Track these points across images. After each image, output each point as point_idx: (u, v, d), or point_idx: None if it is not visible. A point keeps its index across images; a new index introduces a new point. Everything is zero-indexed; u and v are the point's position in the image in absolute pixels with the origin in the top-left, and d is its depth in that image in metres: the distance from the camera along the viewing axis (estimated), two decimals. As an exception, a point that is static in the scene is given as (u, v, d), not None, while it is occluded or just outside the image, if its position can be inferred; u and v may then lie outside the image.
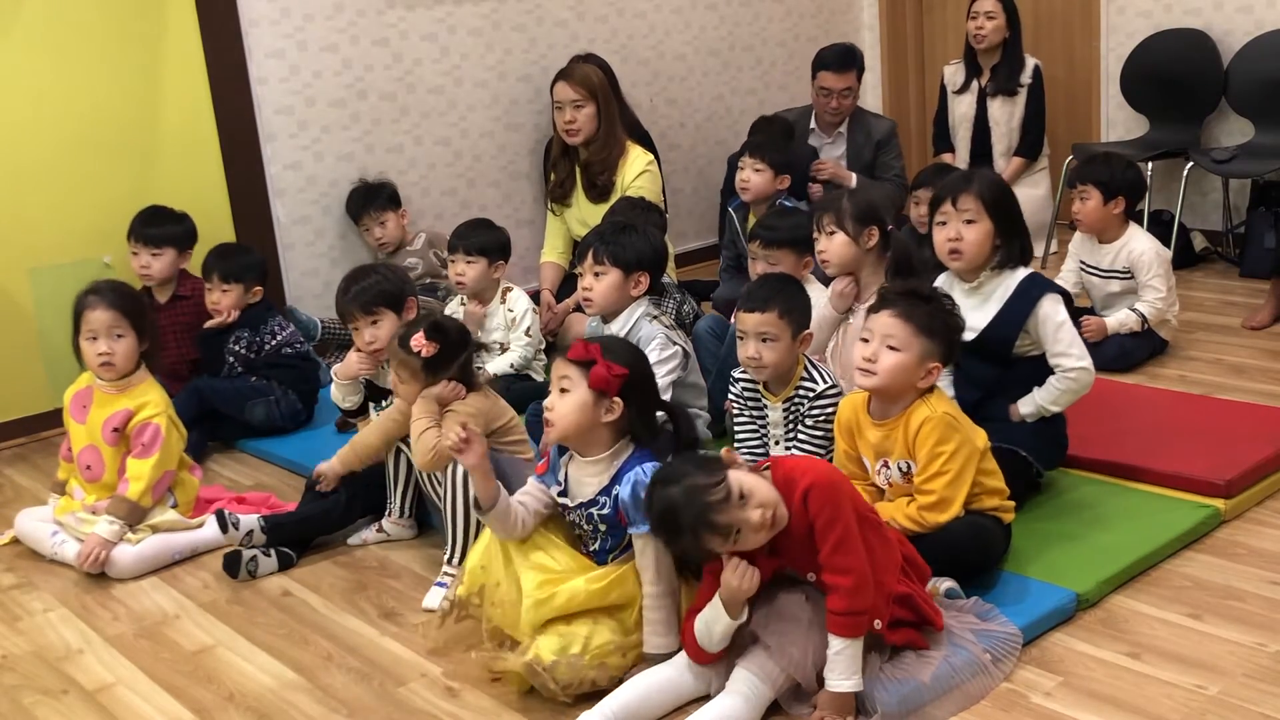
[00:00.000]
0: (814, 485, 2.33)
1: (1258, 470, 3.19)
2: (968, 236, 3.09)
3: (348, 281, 3.61)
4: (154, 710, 2.65)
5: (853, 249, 3.46)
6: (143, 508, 3.29)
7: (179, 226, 4.34)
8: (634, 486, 2.49)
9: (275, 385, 4.15)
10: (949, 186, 3.17)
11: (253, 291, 4.20)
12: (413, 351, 3.05)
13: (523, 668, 2.45)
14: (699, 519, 2.28)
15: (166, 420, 3.34)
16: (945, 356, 2.73)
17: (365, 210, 4.90)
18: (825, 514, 2.31)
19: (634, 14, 5.76)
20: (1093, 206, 4.23)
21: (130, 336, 3.31)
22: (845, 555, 2.31)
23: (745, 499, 2.30)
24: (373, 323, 3.52)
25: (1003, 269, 3.12)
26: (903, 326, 2.68)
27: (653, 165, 4.90)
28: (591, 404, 2.53)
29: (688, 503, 2.29)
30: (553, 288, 4.96)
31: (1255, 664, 2.46)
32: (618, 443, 2.59)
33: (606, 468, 2.57)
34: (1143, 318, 4.16)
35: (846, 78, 5.37)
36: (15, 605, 3.19)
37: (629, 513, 2.51)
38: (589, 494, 2.58)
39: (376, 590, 3.09)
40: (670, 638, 2.51)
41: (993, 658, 2.45)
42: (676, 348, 3.49)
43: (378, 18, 5.00)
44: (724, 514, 2.28)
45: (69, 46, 4.35)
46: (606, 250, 3.50)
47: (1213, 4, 5.42)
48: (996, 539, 2.78)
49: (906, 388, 2.71)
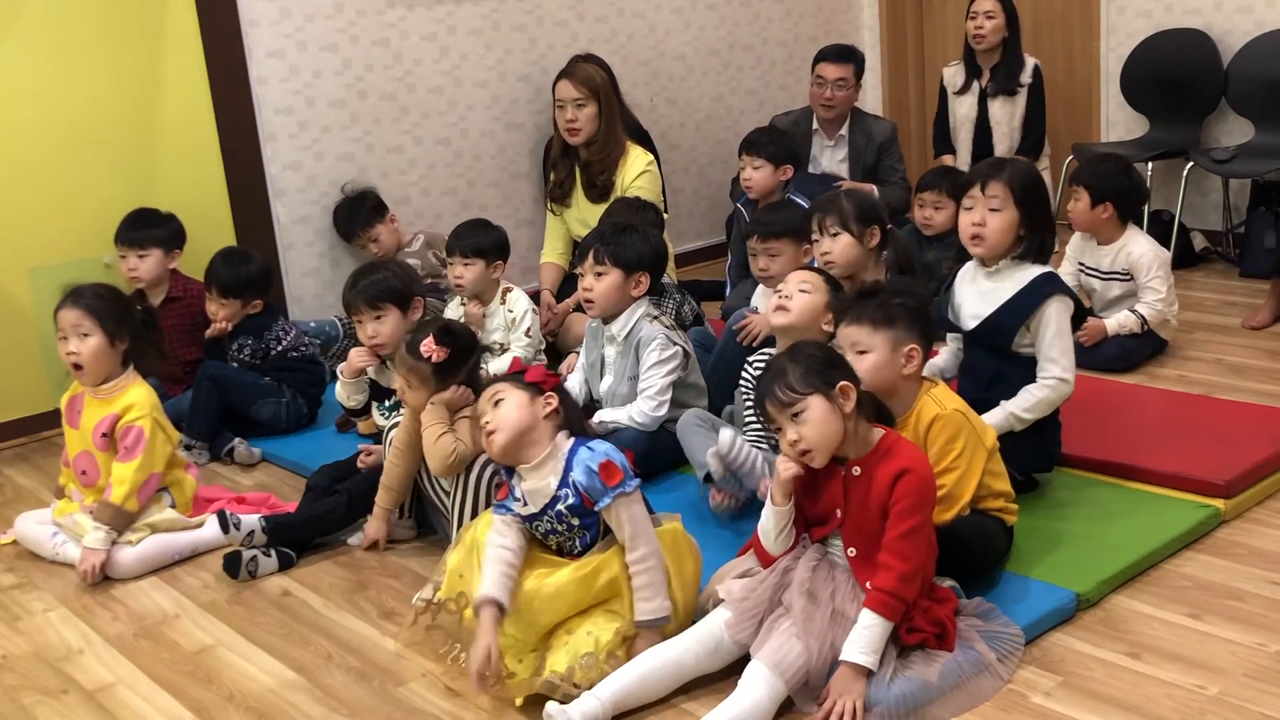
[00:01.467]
0: (910, 470, 2.40)
1: (1258, 470, 3.19)
2: (991, 223, 3.08)
3: (356, 276, 3.63)
4: (154, 710, 2.65)
5: (858, 249, 3.48)
6: (128, 512, 3.26)
7: (164, 228, 4.32)
8: (584, 465, 2.55)
9: (285, 388, 4.14)
10: (980, 172, 3.16)
11: (251, 305, 4.19)
12: (423, 357, 3.04)
13: (543, 686, 2.45)
14: (810, 364, 2.45)
15: (151, 423, 3.29)
16: (920, 335, 2.72)
17: (354, 230, 4.89)
18: (909, 501, 2.38)
19: (634, 14, 5.76)
20: (1081, 208, 4.23)
21: (98, 336, 3.26)
22: (911, 545, 2.38)
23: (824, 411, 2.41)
24: (376, 318, 3.54)
25: (1023, 260, 3.11)
26: (859, 329, 2.71)
27: (652, 165, 4.90)
28: (529, 400, 2.62)
29: (816, 351, 2.52)
30: (553, 288, 4.96)
31: (1255, 664, 2.46)
32: (556, 436, 2.63)
33: (555, 463, 2.60)
34: (1142, 319, 4.16)
35: (842, 69, 5.37)
36: (15, 605, 3.19)
37: (589, 492, 2.54)
38: (549, 494, 2.59)
39: (376, 590, 3.09)
40: (660, 600, 2.51)
41: (998, 657, 2.46)
42: (677, 348, 3.49)
43: (378, 18, 5.00)
44: (823, 379, 2.42)
45: (69, 46, 4.35)
46: (607, 251, 3.51)
47: (1213, 4, 5.42)
48: (999, 540, 2.78)
49: (894, 382, 2.71)
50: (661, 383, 3.46)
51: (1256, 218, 5.17)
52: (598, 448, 2.59)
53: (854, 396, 2.45)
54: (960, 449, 2.67)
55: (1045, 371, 3.05)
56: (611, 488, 2.51)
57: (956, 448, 2.66)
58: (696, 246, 6.08)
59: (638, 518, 2.53)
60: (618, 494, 2.52)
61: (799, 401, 2.43)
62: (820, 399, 2.43)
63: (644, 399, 3.48)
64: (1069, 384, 3.06)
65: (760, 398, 2.51)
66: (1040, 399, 3.05)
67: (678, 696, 2.47)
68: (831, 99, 5.39)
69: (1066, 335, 3.07)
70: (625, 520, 2.53)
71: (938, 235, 4.70)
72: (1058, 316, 3.05)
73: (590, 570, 2.55)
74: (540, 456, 2.61)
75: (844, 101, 5.42)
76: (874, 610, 2.36)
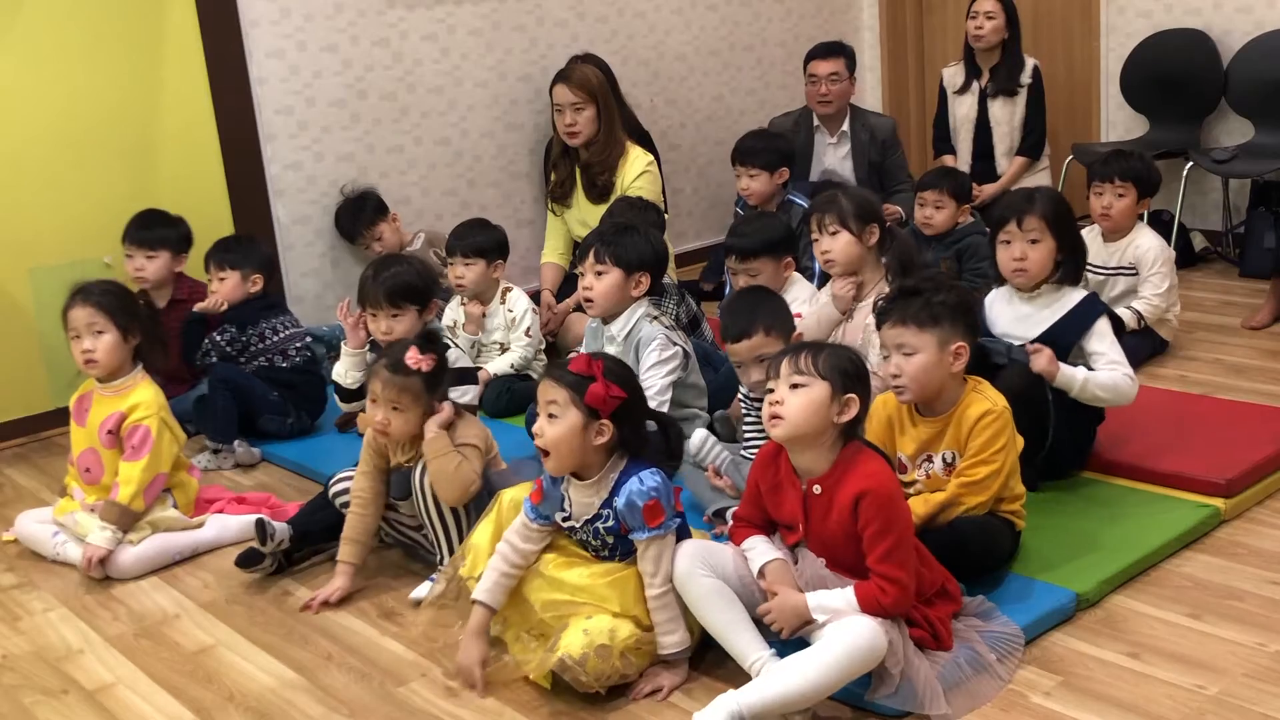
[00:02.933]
0: (869, 492, 2.35)
1: (1258, 470, 3.19)
2: (1032, 256, 3.15)
3: (377, 267, 3.58)
4: (154, 710, 2.65)
5: (857, 247, 3.48)
6: (134, 511, 3.26)
7: (173, 230, 4.32)
8: (628, 496, 2.49)
9: (291, 407, 4.11)
10: (1013, 207, 3.21)
11: (251, 280, 4.16)
12: (411, 371, 2.91)
13: (555, 664, 2.45)
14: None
15: (158, 422, 3.29)
16: (965, 331, 2.71)
17: (357, 232, 4.89)
18: (877, 524, 2.34)
19: (634, 14, 5.76)
20: (1128, 204, 4.22)
21: (112, 333, 3.27)
22: (893, 566, 2.34)
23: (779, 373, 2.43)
24: (393, 315, 3.52)
25: (1062, 284, 3.17)
26: (904, 330, 2.69)
27: (653, 166, 4.90)
28: (581, 428, 2.49)
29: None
30: (553, 288, 4.96)
31: (1255, 664, 2.46)
32: (609, 460, 2.57)
33: (603, 484, 2.56)
34: (1139, 315, 4.15)
35: (833, 63, 5.41)
36: (15, 605, 3.19)
37: (628, 521, 2.51)
38: (592, 511, 2.58)
39: (376, 590, 3.09)
40: (681, 634, 2.51)
41: (998, 657, 2.46)
42: (677, 348, 3.49)
43: (378, 18, 5.00)
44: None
45: (69, 46, 4.35)
46: (608, 250, 3.51)
47: (1213, 4, 5.42)
48: (1004, 541, 2.78)
49: (941, 382, 2.71)
50: (661, 383, 3.46)
51: (1256, 218, 5.17)
52: (647, 482, 2.49)
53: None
54: (1002, 445, 2.69)
55: (1116, 370, 3.10)
56: (651, 528, 2.48)
57: (1000, 443, 2.68)
58: (696, 246, 6.08)
59: (664, 557, 2.50)
60: (654, 535, 2.49)
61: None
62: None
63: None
64: (1135, 385, 3.12)
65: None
66: (1116, 383, 3.09)
67: (677, 696, 2.49)
68: (827, 93, 5.42)
69: (1117, 344, 3.14)
70: (651, 558, 2.50)
71: (937, 235, 4.70)
72: (1108, 330, 3.13)
73: (613, 578, 2.55)
74: (593, 478, 2.56)
75: (840, 95, 5.45)
76: (859, 598, 2.34)
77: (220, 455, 3.99)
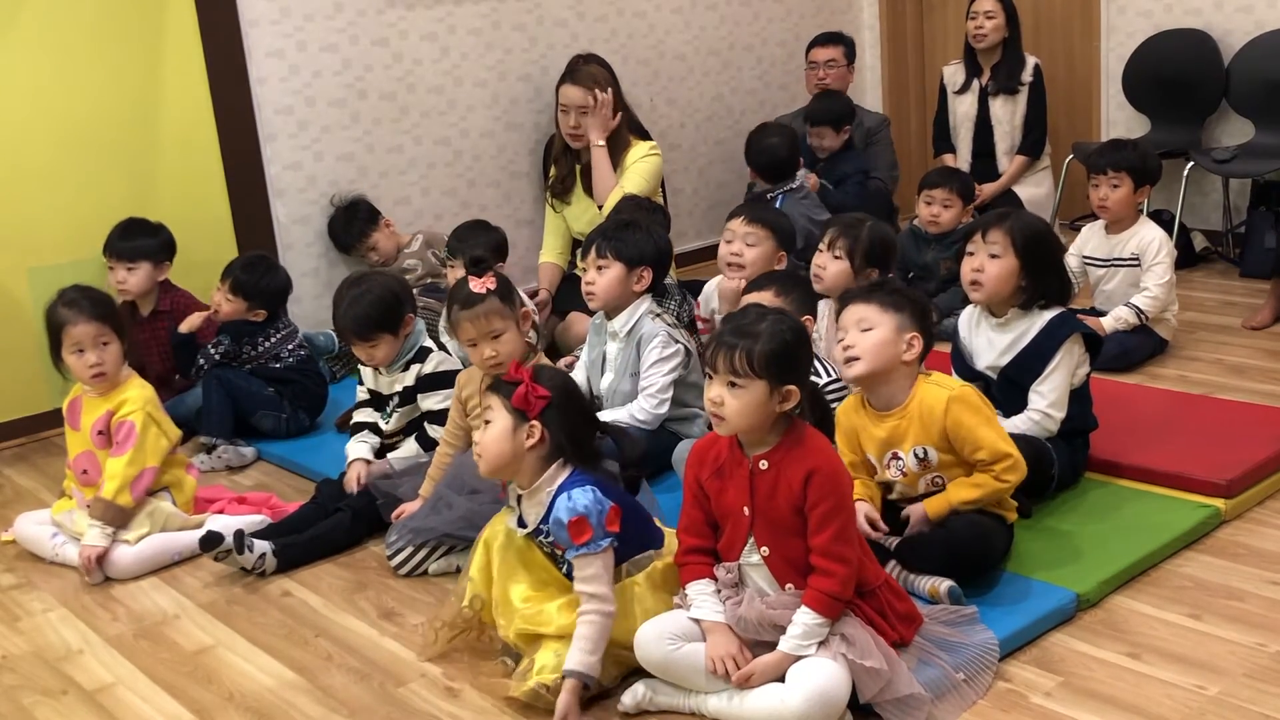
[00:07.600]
0: (818, 469, 2.35)
1: (1258, 470, 3.19)
2: (990, 269, 3.13)
3: (339, 298, 3.50)
4: (154, 710, 2.65)
5: (848, 279, 3.50)
6: (120, 506, 3.24)
7: (153, 239, 4.28)
8: (555, 513, 2.47)
9: (285, 403, 4.10)
10: (984, 221, 3.21)
11: (255, 312, 4.14)
12: (483, 297, 2.99)
13: (528, 695, 2.45)
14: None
15: (144, 417, 3.28)
16: (921, 329, 2.72)
17: (351, 243, 4.89)
18: (828, 503, 2.33)
19: (634, 14, 5.76)
20: (1124, 194, 4.23)
21: (115, 342, 3.28)
22: (844, 545, 2.35)
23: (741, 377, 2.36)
24: (371, 345, 3.46)
25: (1029, 309, 3.14)
26: (867, 307, 2.73)
27: (656, 150, 4.88)
28: (511, 430, 2.49)
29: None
30: (551, 287, 4.95)
31: (1255, 664, 2.46)
32: (548, 469, 2.53)
33: (544, 496, 2.53)
34: (1138, 311, 4.15)
35: (832, 50, 5.72)
36: (15, 605, 3.19)
37: (557, 538, 2.49)
38: (534, 523, 2.56)
39: (376, 590, 3.09)
40: (595, 659, 2.42)
41: (965, 677, 2.42)
42: (679, 346, 3.49)
43: (378, 18, 5.00)
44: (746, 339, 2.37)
45: (69, 46, 4.35)
46: (609, 245, 3.51)
47: (1213, 4, 5.42)
48: (999, 538, 2.78)
49: (893, 364, 2.71)
50: (663, 381, 3.46)
51: (1256, 218, 5.17)
52: (578, 500, 2.44)
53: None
54: (989, 416, 2.72)
55: (1032, 404, 3.11)
56: (577, 545, 2.44)
57: (985, 414, 2.71)
58: (696, 246, 6.07)
59: (597, 576, 2.44)
60: (581, 552, 2.44)
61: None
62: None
63: (645, 397, 3.47)
64: (1054, 422, 3.10)
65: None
66: (1021, 430, 3.07)
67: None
68: (825, 78, 5.67)
69: (1065, 376, 3.11)
70: (580, 578, 2.45)
71: (937, 236, 4.70)
72: (1066, 356, 3.10)
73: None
74: (533, 485, 2.54)
75: (837, 80, 5.69)
76: (814, 609, 2.33)
77: (215, 454, 3.98)
